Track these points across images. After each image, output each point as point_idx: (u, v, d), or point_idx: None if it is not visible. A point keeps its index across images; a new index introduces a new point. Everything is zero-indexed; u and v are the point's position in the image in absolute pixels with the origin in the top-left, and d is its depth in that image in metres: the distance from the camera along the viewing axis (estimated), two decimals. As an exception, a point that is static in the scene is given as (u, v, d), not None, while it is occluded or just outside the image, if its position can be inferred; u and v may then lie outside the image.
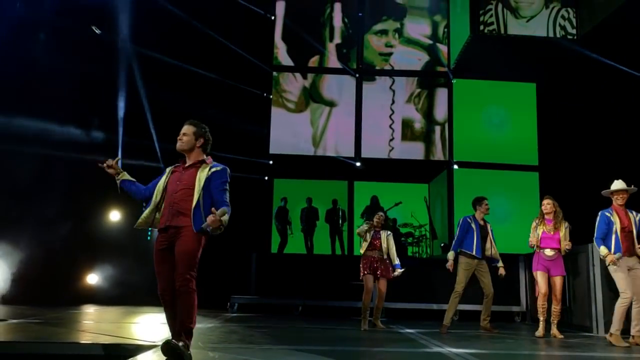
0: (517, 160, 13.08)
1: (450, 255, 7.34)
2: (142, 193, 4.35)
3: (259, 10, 13.37)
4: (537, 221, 6.98)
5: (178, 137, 4.26)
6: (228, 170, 4.29)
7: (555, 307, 6.85)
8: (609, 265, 6.01)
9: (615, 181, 6.28)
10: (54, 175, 10.68)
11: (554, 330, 6.83)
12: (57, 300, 9.94)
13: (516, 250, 10.06)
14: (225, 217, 4.04)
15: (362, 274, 7.58)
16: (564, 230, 6.83)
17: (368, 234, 7.66)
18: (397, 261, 7.71)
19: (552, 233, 6.84)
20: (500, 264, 7.50)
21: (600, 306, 7.32)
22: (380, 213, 7.94)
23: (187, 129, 4.29)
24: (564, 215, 7.00)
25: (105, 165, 4.35)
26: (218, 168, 4.25)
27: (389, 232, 7.79)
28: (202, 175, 4.16)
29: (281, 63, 13.88)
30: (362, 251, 7.71)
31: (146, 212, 4.23)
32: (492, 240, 7.49)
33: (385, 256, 7.63)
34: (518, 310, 9.72)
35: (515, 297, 9.72)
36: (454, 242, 7.50)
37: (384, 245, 7.64)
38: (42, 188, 10.40)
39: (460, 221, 7.54)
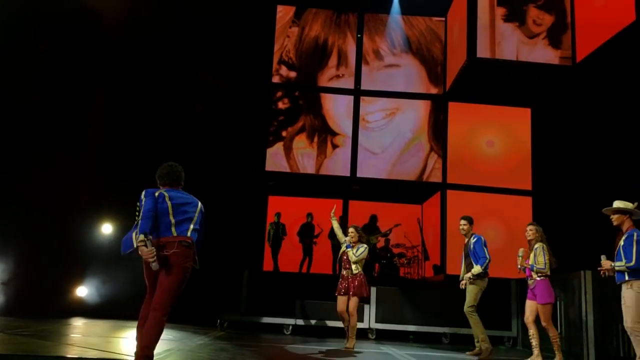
0: (510, 184, 13.12)
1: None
2: None
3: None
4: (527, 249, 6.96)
5: None
6: (144, 192, 4.21)
7: (549, 334, 6.70)
8: None
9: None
10: (44, 186, 10.64)
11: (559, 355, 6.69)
12: (45, 313, 9.84)
13: (507, 274, 10.06)
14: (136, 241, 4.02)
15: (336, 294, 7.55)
16: (531, 255, 6.78)
17: (342, 247, 7.60)
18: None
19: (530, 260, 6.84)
20: (468, 275, 7.30)
21: (592, 333, 7.30)
22: (351, 229, 7.64)
23: None
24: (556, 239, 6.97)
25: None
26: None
27: (361, 245, 7.53)
28: None
29: (281, 81, 14.00)
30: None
31: None
32: (473, 257, 7.37)
33: (354, 272, 7.42)
34: (509, 335, 9.67)
35: (506, 323, 9.67)
36: None
37: (352, 261, 7.45)
38: (30, 199, 10.31)
39: None
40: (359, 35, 14.20)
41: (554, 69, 11.87)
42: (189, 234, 4.19)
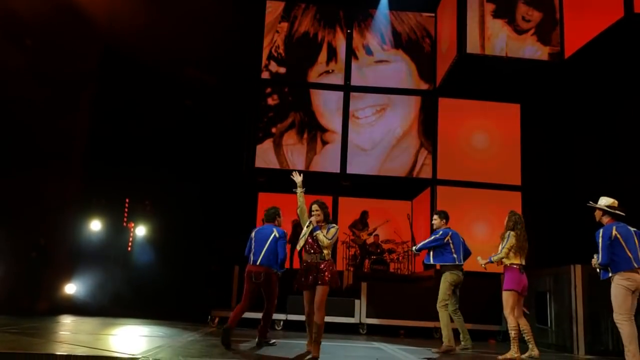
0: (500, 180, 13.15)
1: None
2: None
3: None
4: None
5: None
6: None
7: (508, 324, 6.74)
8: None
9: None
10: (31, 183, 10.53)
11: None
12: (33, 310, 9.75)
13: (497, 269, 10.07)
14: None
15: (295, 286, 6.15)
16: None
17: (306, 230, 6.13)
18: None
19: None
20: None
21: (582, 327, 7.36)
22: (315, 206, 6.15)
23: None
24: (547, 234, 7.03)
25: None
26: None
27: (331, 226, 6.07)
28: None
29: (270, 77, 13.94)
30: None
31: None
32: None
33: (326, 259, 5.97)
34: (499, 329, 9.71)
35: (497, 317, 9.70)
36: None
37: (323, 245, 5.98)
38: (17, 196, 10.21)
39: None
40: (348, 31, 14.17)
41: (543, 64, 11.91)
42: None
